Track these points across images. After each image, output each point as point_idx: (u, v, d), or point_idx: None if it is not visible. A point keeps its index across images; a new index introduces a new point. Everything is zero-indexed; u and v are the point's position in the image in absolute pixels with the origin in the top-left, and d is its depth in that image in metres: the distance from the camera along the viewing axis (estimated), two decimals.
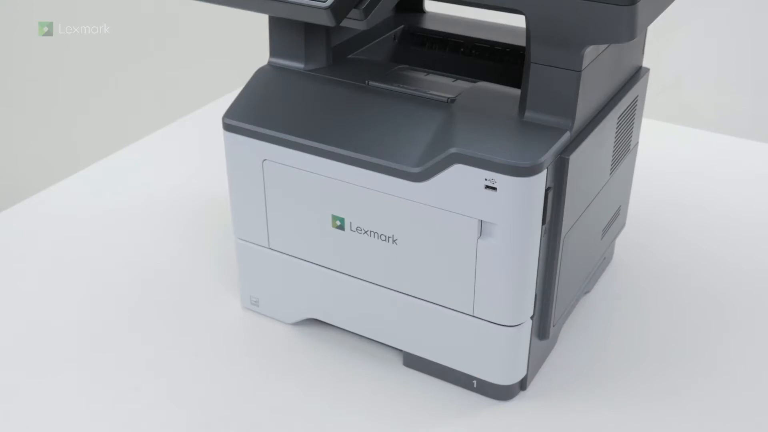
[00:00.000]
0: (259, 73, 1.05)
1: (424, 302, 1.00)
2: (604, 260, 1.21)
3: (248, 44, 1.88)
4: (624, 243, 1.26)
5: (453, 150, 0.89)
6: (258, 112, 1.01)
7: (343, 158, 0.96)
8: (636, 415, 1.00)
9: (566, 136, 0.89)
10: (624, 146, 1.11)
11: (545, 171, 0.88)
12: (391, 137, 0.94)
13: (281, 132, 0.99)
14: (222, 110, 1.05)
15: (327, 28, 1.02)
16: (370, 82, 1.00)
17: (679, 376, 1.06)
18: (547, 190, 0.90)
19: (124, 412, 1.01)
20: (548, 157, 0.88)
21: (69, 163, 1.92)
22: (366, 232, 0.98)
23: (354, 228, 0.99)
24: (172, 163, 1.54)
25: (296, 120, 0.99)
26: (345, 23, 0.91)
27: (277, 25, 1.05)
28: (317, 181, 0.99)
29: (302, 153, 0.98)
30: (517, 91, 0.97)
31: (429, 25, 1.21)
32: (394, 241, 0.97)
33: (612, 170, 1.09)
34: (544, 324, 1.01)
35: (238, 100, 1.03)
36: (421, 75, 1.06)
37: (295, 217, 1.03)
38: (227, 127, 1.02)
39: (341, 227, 0.99)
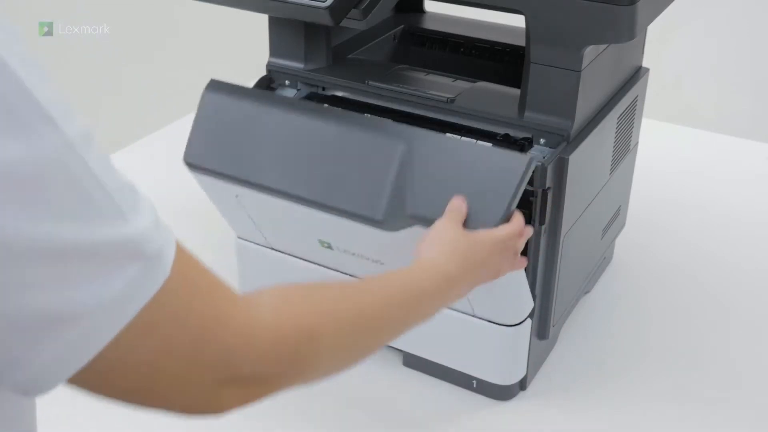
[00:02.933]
0: (208, 99, 0.97)
1: None
2: (604, 260, 1.21)
3: (248, 44, 1.88)
4: (624, 243, 1.26)
5: (409, 213, 0.85)
6: (218, 151, 0.94)
7: (310, 203, 0.90)
8: (636, 415, 1.00)
9: (530, 164, 0.84)
10: (624, 146, 1.11)
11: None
12: (353, 176, 0.88)
13: (244, 175, 0.92)
14: None
15: (327, 28, 1.02)
16: (370, 82, 1.00)
17: (679, 375, 1.06)
18: (546, 190, 0.90)
19: (124, 411, 1.01)
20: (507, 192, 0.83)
21: None
22: (354, 254, 0.96)
23: (342, 250, 0.97)
24: (171, 163, 1.54)
25: (257, 159, 0.92)
26: (345, 23, 0.91)
27: (277, 25, 1.05)
28: (294, 212, 0.93)
29: (269, 196, 0.92)
30: (517, 91, 0.96)
31: (429, 25, 1.21)
32: (381, 263, 0.95)
33: (612, 170, 1.08)
34: (544, 324, 1.01)
35: (195, 136, 0.96)
36: (421, 75, 1.06)
37: (286, 232, 1.02)
38: (191, 167, 0.96)
39: (329, 248, 0.98)
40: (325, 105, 0.98)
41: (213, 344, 0.49)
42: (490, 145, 0.91)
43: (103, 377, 0.46)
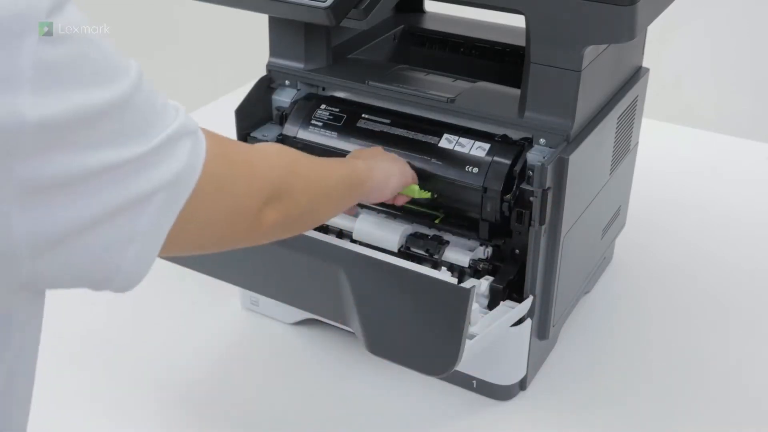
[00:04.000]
0: None
1: None
2: (604, 260, 1.21)
3: (248, 44, 1.88)
4: (624, 243, 1.26)
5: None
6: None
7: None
8: (636, 415, 1.00)
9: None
10: (624, 146, 1.11)
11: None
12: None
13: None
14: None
15: (327, 28, 1.02)
16: (370, 82, 1.00)
17: (679, 375, 1.06)
18: (546, 190, 0.90)
19: (124, 411, 1.01)
20: None
21: None
22: None
23: None
24: None
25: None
26: (345, 23, 0.91)
27: (277, 25, 1.05)
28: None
29: None
30: (517, 91, 0.96)
31: (429, 25, 1.21)
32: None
33: (612, 170, 1.08)
34: (544, 324, 1.01)
35: None
36: (421, 75, 1.06)
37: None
38: None
39: None
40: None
41: (257, 173, 0.69)
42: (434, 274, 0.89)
43: (183, 232, 0.59)
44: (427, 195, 0.96)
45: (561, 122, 0.91)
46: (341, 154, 0.99)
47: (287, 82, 1.06)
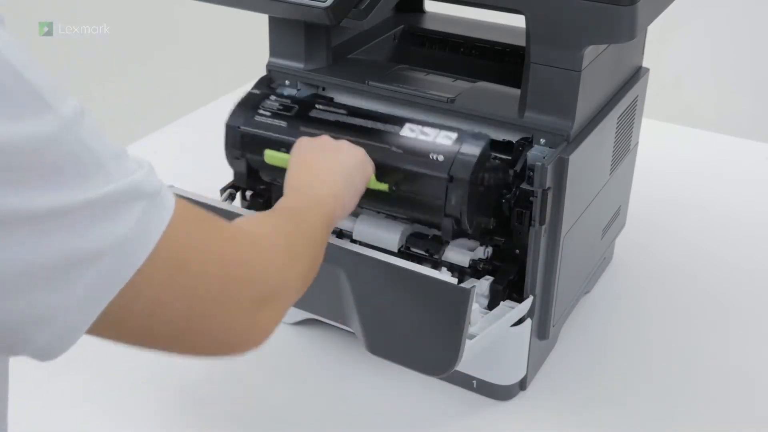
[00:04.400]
0: None
1: None
2: (604, 260, 1.21)
3: (248, 44, 1.88)
4: (624, 243, 1.26)
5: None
6: None
7: None
8: (636, 415, 1.00)
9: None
10: (624, 146, 1.11)
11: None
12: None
13: None
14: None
15: (327, 28, 1.02)
16: (370, 82, 1.00)
17: (679, 375, 1.06)
18: (546, 190, 0.90)
19: (124, 411, 1.01)
20: None
21: None
22: None
23: None
24: (171, 163, 1.54)
25: None
26: (345, 23, 0.91)
27: (277, 25, 1.05)
28: None
29: None
30: (517, 91, 0.97)
31: (429, 25, 1.21)
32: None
33: (612, 170, 1.09)
34: (544, 324, 1.01)
35: None
36: (421, 75, 1.06)
37: None
38: None
39: None
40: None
41: (237, 260, 0.55)
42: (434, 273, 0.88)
43: (141, 321, 0.50)
44: (383, 187, 0.91)
45: (561, 122, 0.91)
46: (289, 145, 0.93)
47: (287, 82, 1.06)
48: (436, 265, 0.98)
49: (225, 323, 0.55)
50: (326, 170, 0.84)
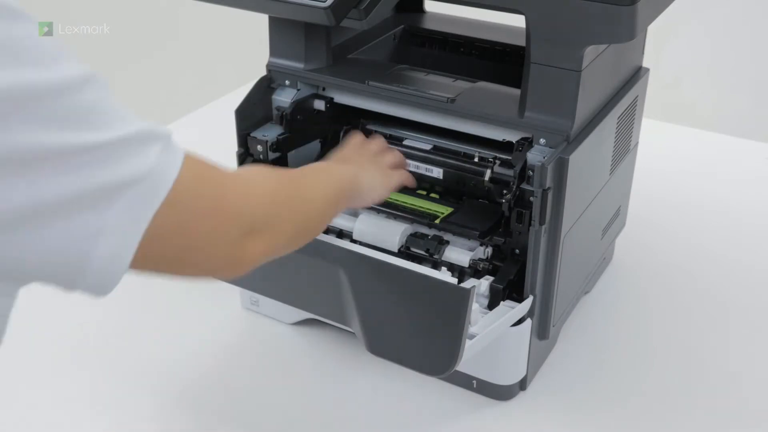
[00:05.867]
0: None
1: None
2: (604, 260, 1.21)
3: (248, 44, 1.88)
4: (624, 243, 1.26)
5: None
6: None
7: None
8: (636, 415, 1.00)
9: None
10: (624, 146, 1.11)
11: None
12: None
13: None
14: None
15: (327, 28, 1.02)
16: (370, 82, 1.00)
17: (679, 375, 1.06)
18: (546, 190, 0.90)
19: (124, 411, 1.01)
20: None
21: None
22: None
23: None
24: None
25: None
26: (345, 23, 0.91)
27: (277, 25, 1.05)
28: None
29: None
30: (517, 91, 0.97)
31: (429, 25, 1.21)
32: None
33: (612, 170, 1.09)
34: (544, 324, 1.01)
35: None
36: (421, 75, 1.06)
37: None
38: None
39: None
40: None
41: (231, 196, 0.65)
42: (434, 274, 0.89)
43: (156, 245, 0.58)
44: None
45: (561, 122, 0.91)
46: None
47: (287, 82, 1.06)
48: (436, 265, 0.98)
49: (216, 248, 0.64)
50: (356, 159, 0.93)
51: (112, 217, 0.55)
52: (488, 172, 1.00)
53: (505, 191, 0.93)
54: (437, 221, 1.00)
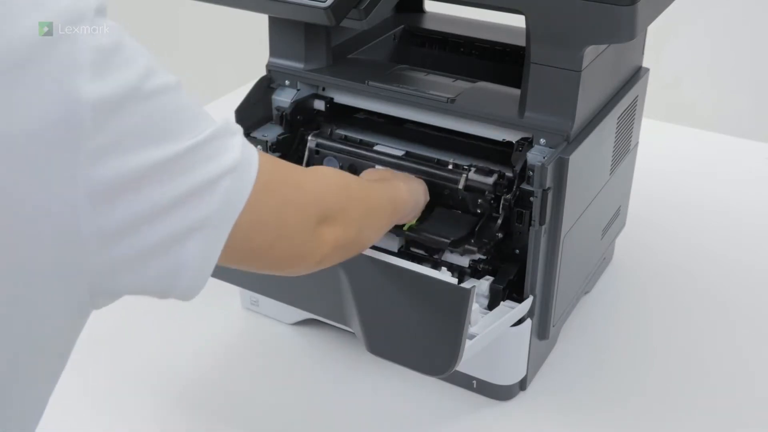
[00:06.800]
0: None
1: None
2: (604, 260, 1.21)
3: (248, 44, 1.88)
4: (624, 243, 1.26)
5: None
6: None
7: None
8: (636, 415, 1.00)
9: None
10: (624, 146, 1.11)
11: None
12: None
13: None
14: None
15: (327, 28, 1.02)
16: (370, 82, 1.00)
17: (679, 375, 1.06)
18: (546, 190, 0.90)
19: (124, 411, 1.01)
20: None
21: None
22: None
23: None
24: None
25: None
26: (345, 23, 0.91)
27: (277, 25, 1.05)
28: None
29: None
30: (517, 91, 0.97)
31: (429, 25, 1.21)
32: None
33: (612, 170, 1.09)
34: (544, 324, 1.01)
35: None
36: (421, 75, 1.06)
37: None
38: None
39: None
40: None
41: (308, 184, 0.70)
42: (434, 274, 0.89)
43: (243, 234, 0.61)
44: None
45: (561, 122, 0.91)
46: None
47: (287, 82, 1.06)
48: (436, 265, 0.98)
49: (295, 239, 0.68)
50: (388, 177, 0.95)
51: (211, 209, 0.58)
52: (462, 180, 0.96)
53: (505, 191, 0.93)
54: (405, 229, 0.97)
